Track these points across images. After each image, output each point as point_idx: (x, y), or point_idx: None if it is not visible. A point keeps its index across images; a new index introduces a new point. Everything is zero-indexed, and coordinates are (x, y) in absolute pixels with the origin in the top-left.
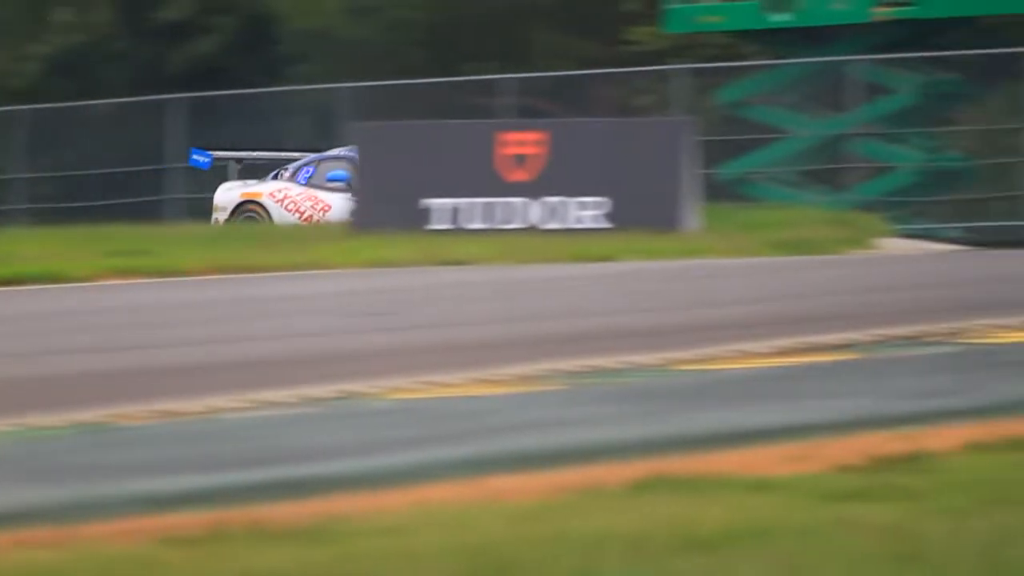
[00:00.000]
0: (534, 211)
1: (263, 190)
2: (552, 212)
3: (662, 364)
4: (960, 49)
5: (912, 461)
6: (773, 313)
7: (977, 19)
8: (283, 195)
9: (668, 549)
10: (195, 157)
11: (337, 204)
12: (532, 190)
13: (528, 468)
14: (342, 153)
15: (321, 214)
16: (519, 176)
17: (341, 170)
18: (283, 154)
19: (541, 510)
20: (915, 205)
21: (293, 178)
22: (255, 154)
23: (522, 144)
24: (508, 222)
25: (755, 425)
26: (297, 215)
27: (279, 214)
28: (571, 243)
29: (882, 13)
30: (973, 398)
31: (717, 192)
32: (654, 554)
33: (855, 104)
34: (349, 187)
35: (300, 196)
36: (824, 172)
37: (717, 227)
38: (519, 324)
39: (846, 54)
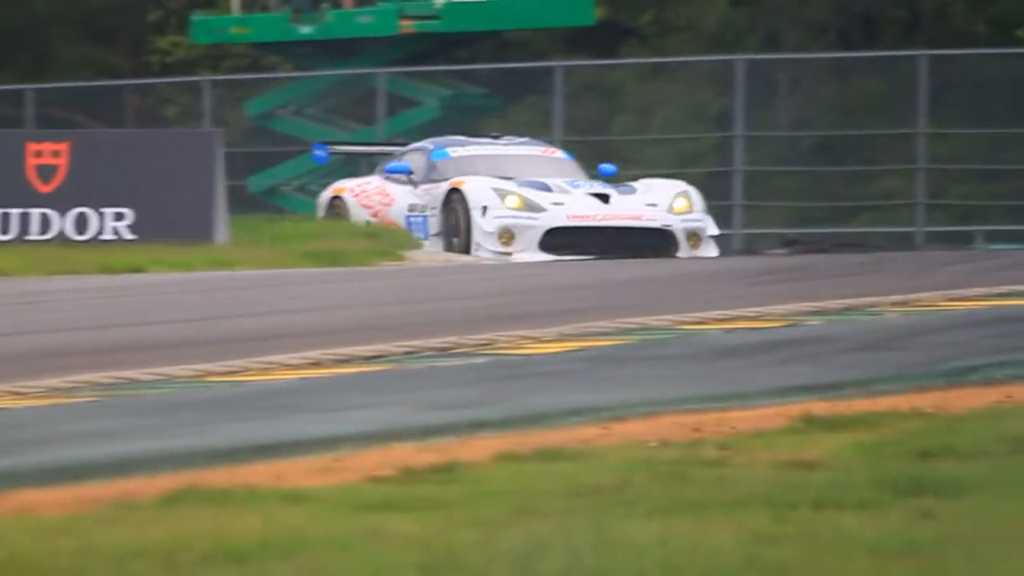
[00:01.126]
0: (63, 222)
1: (348, 185)
2: (81, 223)
3: (194, 376)
4: (488, 63)
5: (443, 472)
6: (305, 324)
7: (505, 33)
8: (360, 190)
9: (200, 561)
10: (316, 152)
11: (400, 198)
12: (60, 201)
13: (57, 482)
14: (425, 145)
15: (384, 208)
16: (48, 186)
17: (402, 161)
18: (388, 148)
19: (69, 523)
20: None
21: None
22: (364, 148)
23: (48, 155)
24: (43, 233)
25: (287, 437)
26: (367, 210)
27: (356, 210)
28: (99, 254)
29: (408, 27)
30: (503, 409)
31: (248, 204)
32: (186, 566)
33: (382, 116)
34: (410, 180)
35: (373, 190)
36: None
37: (248, 239)
38: (45, 337)
39: (374, 67)
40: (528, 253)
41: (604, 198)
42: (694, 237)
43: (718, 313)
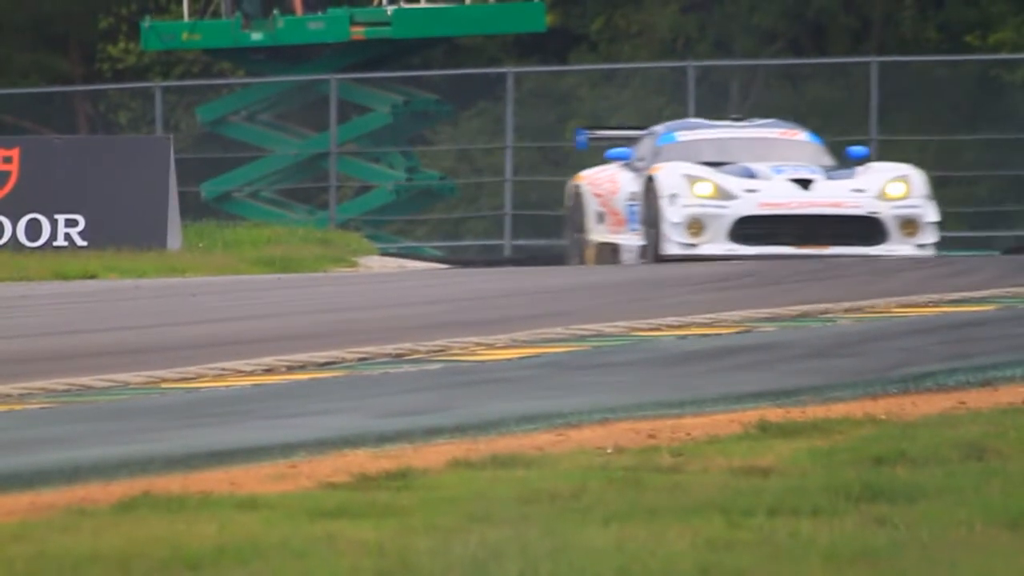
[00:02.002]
0: (14, 228)
1: (587, 173)
2: (33, 230)
3: (148, 382)
4: (439, 69)
5: (398, 478)
6: (258, 330)
7: (456, 39)
8: (596, 178)
9: (155, 568)
10: (577, 137)
11: (625, 185)
12: (11, 207)
13: (10, 489)
14: (657, 128)
15: (611, 197)
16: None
17: (624, 148)
18: (645, 132)
19: (23, 530)
20: (396, 224)
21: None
22: (623, 132)
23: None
24: None
25: (242, 443)
26: (597, 199)
27: (588, 199)
28: (52, 261)
29: (359, 33)
30: (458, 415)
31: (200, 210)
32: (141, 573)
33: (334, 122)
34: (632, 166)
35: (605, 178)
36: (306, 190)
37: (201, 245)
38: None
39: (325, 73)
40: (716, 245)
41: (805, 184)
42: (909, 224)
43: (672, 319)
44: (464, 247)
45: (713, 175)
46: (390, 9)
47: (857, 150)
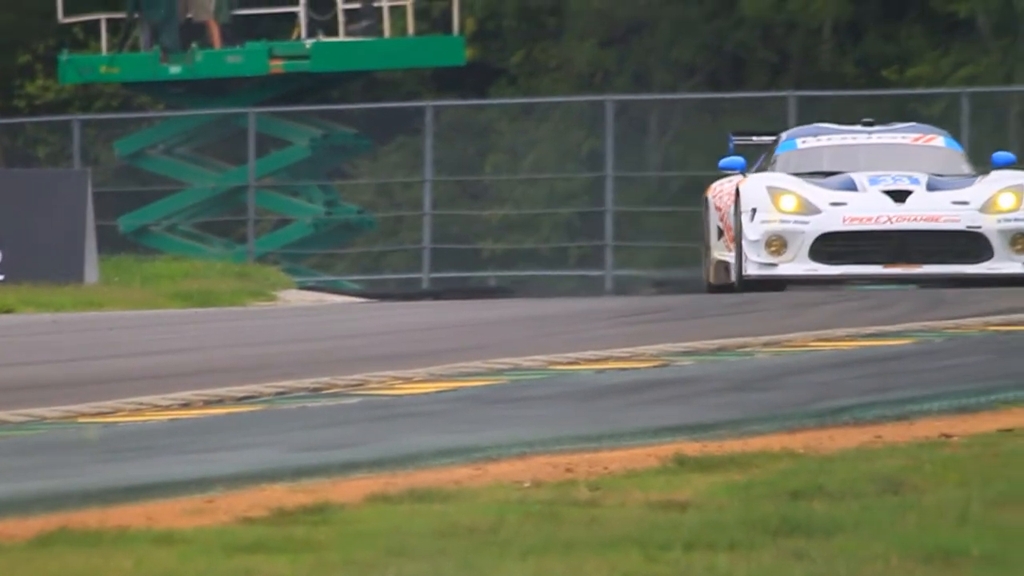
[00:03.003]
0: None
1: (715, 184)
2: None
3: (64, 417)
4: (358, 103)
5: (315, 513)
6: (175, 365)
7: (375, 73)
8: (720, 188)
9: None
10: (730, 143)
11: (748, 195)
12: None
13: None
14: (780, 135)
15: (728, 209)
16: None
17: (737, 157)
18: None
19: None
20: (314, 257)
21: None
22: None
23: None
24: None
25: (159, 478)
26: (718, 212)
27: (711, 212)
28: None
29: (278, 66)
30: (375, 450)
31: (118, 244)
32: None
33: (253, 156)
34: (743, 175)
35: (727, 189)
36: (224, 224)
37: (118, 279)
38: None
39: (244, 106)
40: (796, 264)
41: (901, 195)
42: (1021, 239)
43: (590, 353)
44: (383, 280)
45: (800, 187)
46: (309, 43)
47: (1003, 156)
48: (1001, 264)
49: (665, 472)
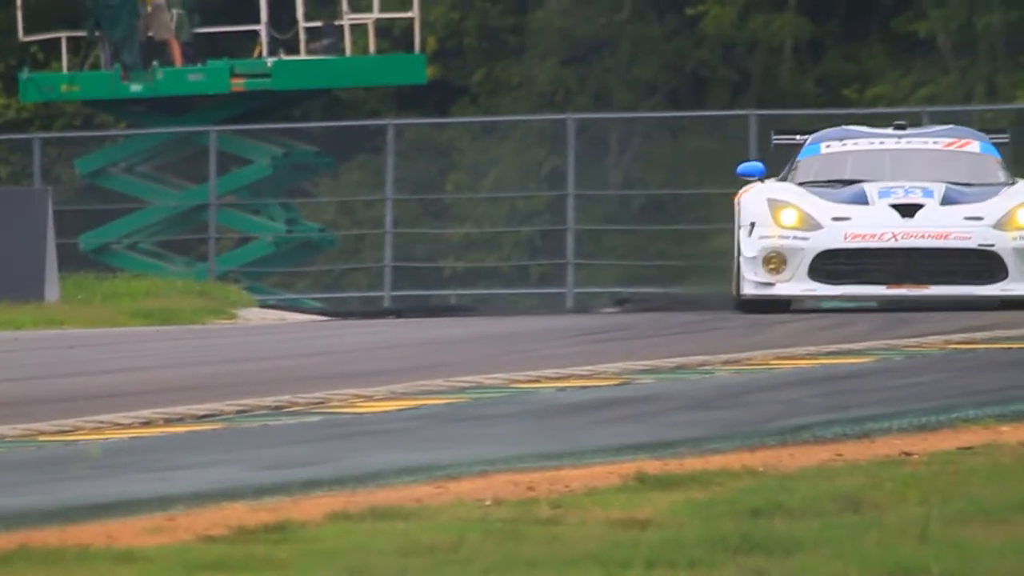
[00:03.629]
0: None
1: (745, 188)
2: None
3: (24, 435)
4: (319, 121)
5: (276, 531)
6: (136, 383)
7: (336, 92)
8: (743, 195)
9: None
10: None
11: (747, 207)
12: None
13: None
14: (807, 138)
15: (752, 218)
16: None
17: (755, 162)
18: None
19: None
20: (275, 276)
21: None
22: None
23: None
24: None
25: (119, 496)
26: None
27: (738, 219)
28: None
29: (239, 85)
30: (336, 468)
31: (79, 262)
32: None
33: (214, 174)
34: (762, 181)
35: (752, 195)
36: (185, 242)
37: (79, 297)
38: None
39: (205, 124)
40: (794, 284)
41: (909, 210)
42: None
43: (551, 371)
44: (344, 299)
45: (803, 199)
46: (270, 61)
47: None
48: (1016, 285)
49: (626, 490)
